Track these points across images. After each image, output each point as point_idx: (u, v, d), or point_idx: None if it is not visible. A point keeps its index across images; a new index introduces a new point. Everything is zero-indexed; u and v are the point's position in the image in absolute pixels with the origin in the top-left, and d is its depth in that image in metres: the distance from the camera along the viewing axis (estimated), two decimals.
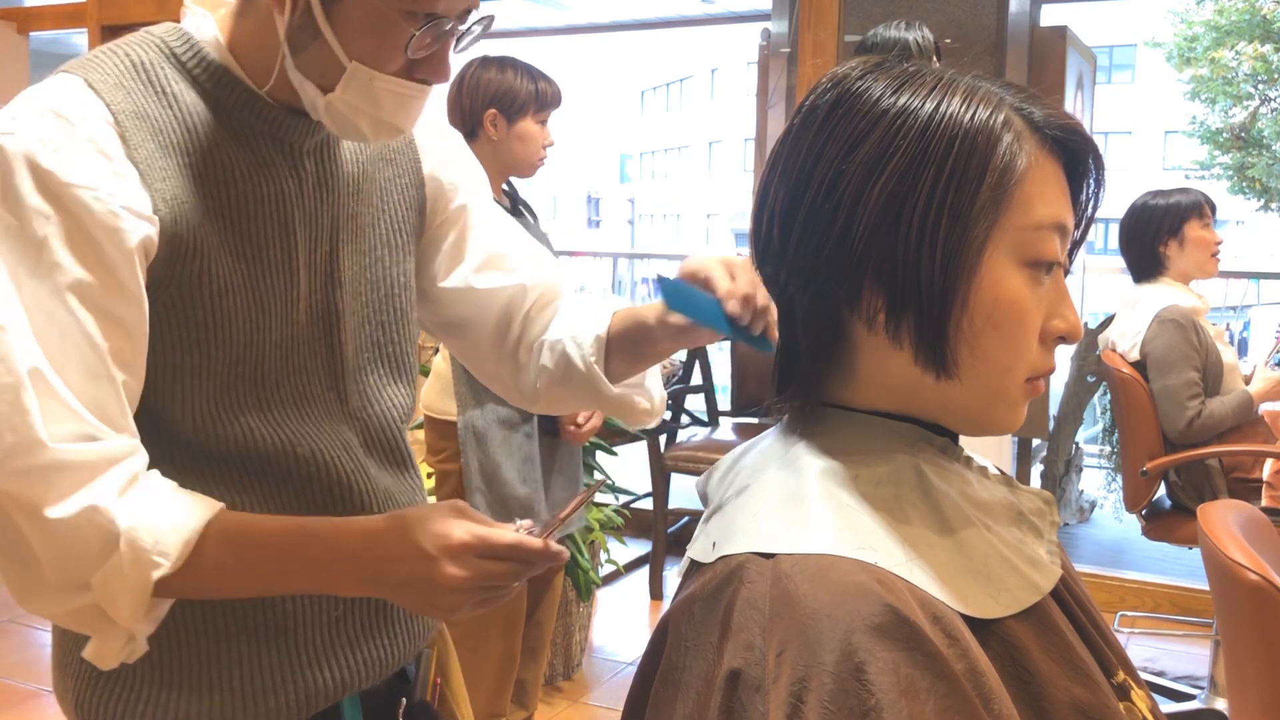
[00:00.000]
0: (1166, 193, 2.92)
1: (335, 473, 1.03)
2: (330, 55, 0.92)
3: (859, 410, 0.77)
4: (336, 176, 1.03)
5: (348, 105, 0.94)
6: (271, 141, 0.98)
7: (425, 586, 0.90)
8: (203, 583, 0.91)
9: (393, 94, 0.94)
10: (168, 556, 0.86)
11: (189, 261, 0.92)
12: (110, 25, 5.14)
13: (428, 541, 0.89)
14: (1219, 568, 1.42)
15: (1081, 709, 0.71)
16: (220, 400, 0.97)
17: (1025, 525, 0.78)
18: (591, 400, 1.19)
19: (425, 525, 0.91)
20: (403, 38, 0.91)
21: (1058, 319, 0.74)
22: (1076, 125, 0.75)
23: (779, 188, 0.75)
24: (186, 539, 0.88)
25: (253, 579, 0.93)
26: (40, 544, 0.85)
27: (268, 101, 0.97)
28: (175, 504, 0.90)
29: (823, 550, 0.68)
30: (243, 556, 0.91)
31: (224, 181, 0.95)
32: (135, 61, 0.94)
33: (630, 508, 3.79)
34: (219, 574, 0.91)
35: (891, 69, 0.74)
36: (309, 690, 1.02)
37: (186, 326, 0.94)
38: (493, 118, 2.25)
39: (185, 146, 0.93)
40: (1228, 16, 19.08)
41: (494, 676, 2.31)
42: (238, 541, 0.91)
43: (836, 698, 0.62)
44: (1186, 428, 2.75)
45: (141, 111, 0.91)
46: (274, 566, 0.92)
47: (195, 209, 0.93)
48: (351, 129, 0.97)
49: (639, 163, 42.14)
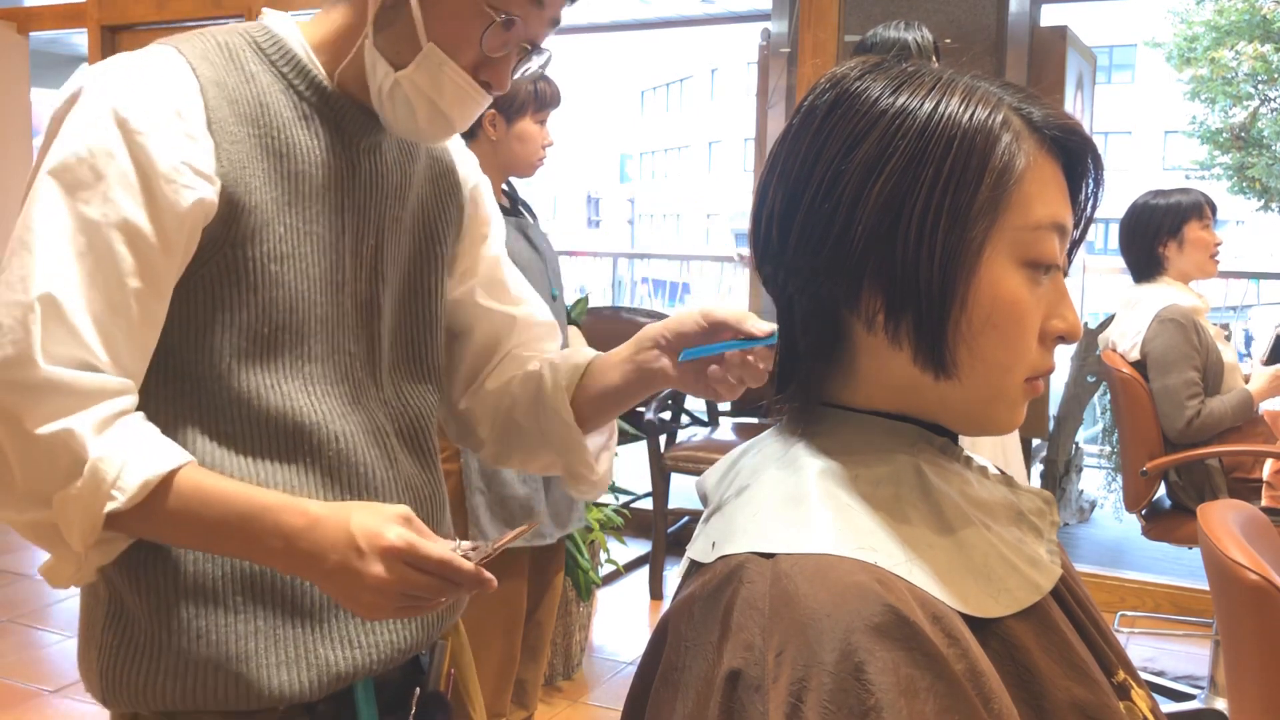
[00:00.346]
0: (1167, 193, 2.91)
1: (364, 454, 1.06)
2: (411, 34, 1.00)
3: (858, 410, 0.77)
4: (385, 178, 1.10)
5: (413, 86, 1.01)
6: (334, 130, 1.05)
7: (349, 579, 0.91)
8: (151, 527, 0.94)
9: (456, 86, 1.02)
10: (124, 493, 0.89)
11: (244, 221, 0.98)
12: (110, 25, 5.14)
13: (360, 536, 0.91)
14: (1219, 568, 1.42)
15: (1082, 708, 0.71)
16: (265, 365, 1.01)
17: (1025, 525, 0.78)
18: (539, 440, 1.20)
19: (363, 520, 0.92)
20: (480, 28, 0.99)
21: (1057, 319, 0.74)
22: (1075, 125, 0.75)
23: (778, 188, 0.75)
24: (145, 480, 0.90)
25: (194, 535, 0.95)
26: (15, 454, 0.90)
27: (335, 93, 1.05)
28: (147, 447, 0.92)
29: (822, 550, 0.68)
30: (191, 511, 0.93)
31: (287, 157, 1.01)
32: (221, 43, 1.02)
33: (630, 508, 3.79)
34: (167, 523, 0.93)
35: (890, 69, 0.74)
36: (324, 668, 1.03)
37: (239, 287, 0.99)
38: (491, 118, 2.24)
39: (257, 119, 1.00)
40: (1228, 16, 19.07)
41: (494, 676, 2.31)
42: (190, 497, 0.92)
43: (836, 697, 0.62)
44: (1186, 427, 2.75)
45: (222, 82, 0.99)
46: (215, 529, 0.94)
47: (258, 176, 0.99)
48: (407, 114, 1.03)
49: (639, 163, 42.14)
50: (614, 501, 3.46)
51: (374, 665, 1.06)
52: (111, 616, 1.02)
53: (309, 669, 1.02)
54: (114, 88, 0.94)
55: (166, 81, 0.96)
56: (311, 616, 1.03)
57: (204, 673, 0.99)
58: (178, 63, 0.97)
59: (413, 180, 1.14)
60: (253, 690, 1.00)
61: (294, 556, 0.93)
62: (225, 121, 0.97)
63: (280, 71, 1.03)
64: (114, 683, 1.01)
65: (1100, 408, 4.58)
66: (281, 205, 1.00)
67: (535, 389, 1.18)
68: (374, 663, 1.06)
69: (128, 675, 1.00)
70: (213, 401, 1.00)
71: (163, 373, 0.99)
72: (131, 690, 1.00)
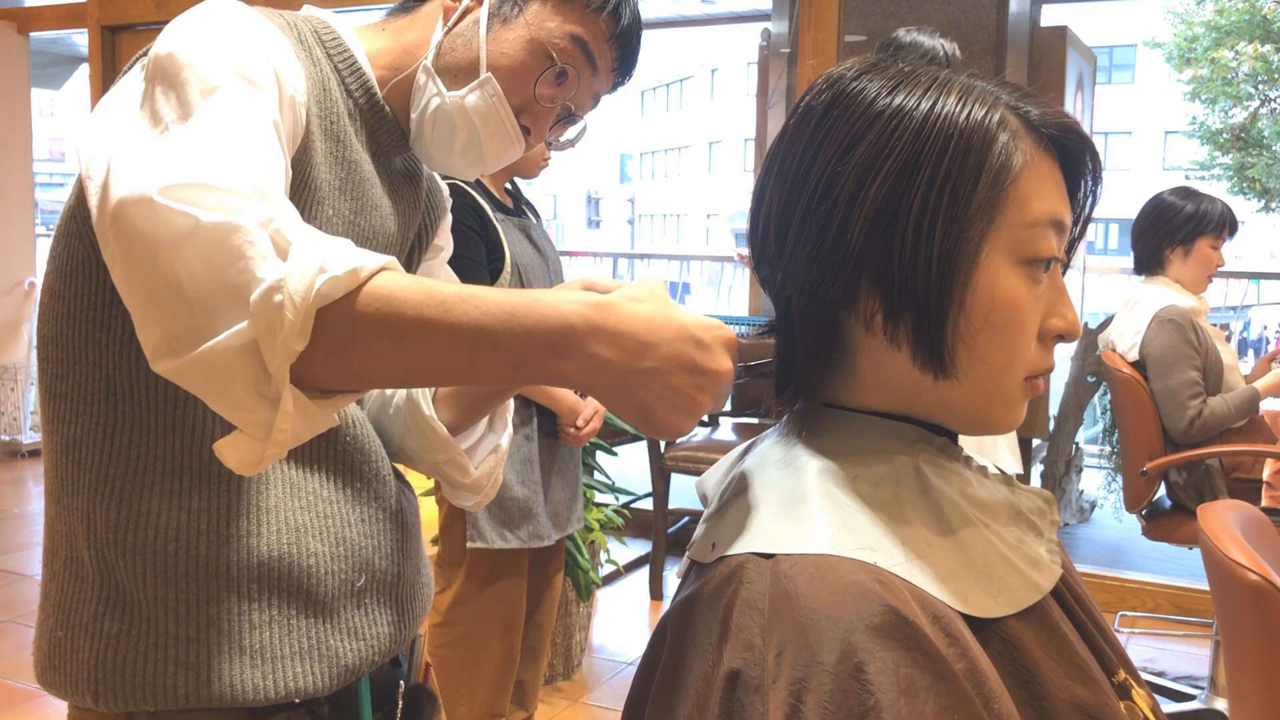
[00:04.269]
0: (1196, 197, 2.86)
1: (374, 447, 1.07)
2: (471, 63, 1.03)
3: (858, 411, 0.77)
4: (398, 199, 1.11)
5: (461, 111, 1.03)
6: (373, 143, 1.07)
7: (690, 379, 0.74)
8: (390, 339, 0.76)
9: (500, 120, 1.04)
10: (331, 273, 0.74)
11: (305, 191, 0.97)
12: (110, 25, 5.14)
13: (695, 326, 0.75)
14: (1219, 568, 1.42)
15: (1082, 708, 0.70)
16: None
17: (1025, 525, 0.78)
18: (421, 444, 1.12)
19: (688, 311, 0.76)
20: (538, 70, 1.03)
21: (1056, 318, 0.74)
22: (1072, 123, 0.75)
23: (775, 189, 0.75)
24: (358, 267, 0.75)
25: (454, 343, 0.76)
26: (195, 253, 0.74)
27: (381, 103, 1.06)
28: (347, 245, 0.78)
29: (822, 550, 0.68)
30: (446, 303, 0.75)
31: (343, 143, 1.02)
32: (290, 22, 1.02)
33: (630, 508, 3.79)
34: (414, 329, 0.75)
35: (887, 69, 0.74)
36: (334, 660, 0.99)
37: None
38: None
39: (322, 101, 1.00)
40: (1228, 17, 19.07)
41: (494, 676, 2.31)
42: (436, 289, 0.76)
43: (836, 698, 0.62)
44: (1188, 427, 2.75)
45: (295, 53, 0.97)
46: (479, 326, 0.75)
47: (319, 152, 0.99)
48: (446, 138, 1.05)
49: (639, 163, 42.14)
50: (614, 501, 3.46)
51: (376, 657, 1.05)
52: (105, 603, 0.93)
53: (321, 660, 0.98)
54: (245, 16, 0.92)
55: (270, 26, 0.95)
56: (323, 606, 0.99)
57: (218, 664, 0.92)
58: (268, 22, 0.96)
59: (410, 200, 1.15)
60: (268, 683, 0.94)
61: (593, 358, 0.74)
62: (299, 84, 0.96)
63: (337, 66, 1.04)
64: (113, 676, 0.92)
65: (1100, 408, 4.58)
66: (334, 188, 1.01)
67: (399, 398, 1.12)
68: (376, 654, 1.05)
69: (133, 668, 0.92)
70: None
71: None
72: (134, 685, 0.92)
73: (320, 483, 1.00)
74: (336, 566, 1.01)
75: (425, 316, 0.75)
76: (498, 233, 2.23)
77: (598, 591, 3.23)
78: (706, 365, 0.74)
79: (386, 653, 1.07)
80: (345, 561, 1.01)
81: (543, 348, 0.75)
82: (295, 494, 0.98)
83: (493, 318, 0.75)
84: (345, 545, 1.01)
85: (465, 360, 0.77)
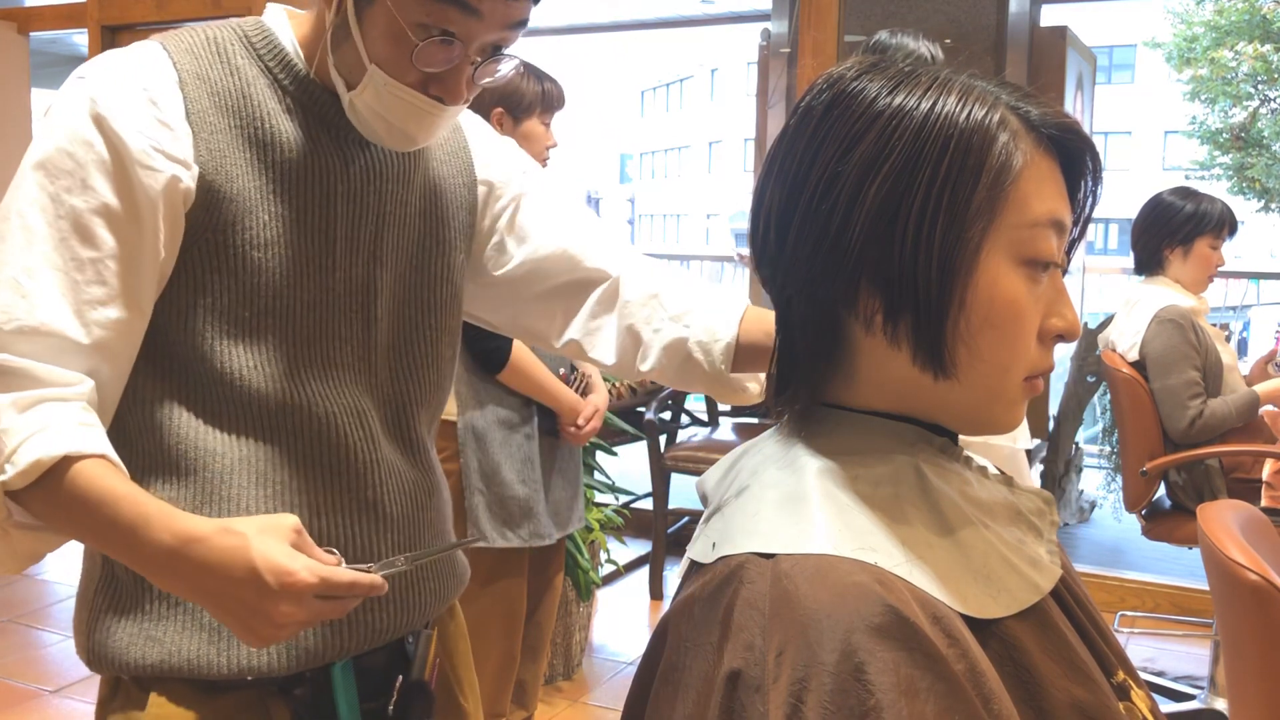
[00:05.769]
0: (1196, 197, 2.86)
1: (347, 437, 1.07)
2: (357, 55, 1.00)
3: (858, 411, 0.77)
4: (386, 165, 1.10)
5: (365, 106, 1.02)
6: (320, 124, 1.05)
7: (249, 615, 0.88)
8: (51, 513, 0.92)
9: (404, 103, 1.01)
10: (15, 467, 0.89)
11: (225, 209, 1.00)
12: (110, 25, 5.14)
13: (270, 574, 0.87)
14: (1219, 568, 1.42)
15: (1082, 709, 0.71)
16: (249, 347, 1.02)
17: (1025, 525, 0.78)
18: (703, 386, 1.22)
19: (266, 554, 0.88)
20: (410, 45, 0.98)
21: (1055, 318, 0.74)
22: (1073, 123, 0.75)
23: (775, 189, 0.75)
24: (38, 459, 0.89)
25: (88, 532, 0.93)
26: None
27: (322, 89, 1.05)
28: (57, 430, 0.90)
29: (822, 550, 0.68)
30: (80, 505, 0.91)
31: (272, 146, 1.02)
32: (210, 37, 1.04)
33: (630, 508, 3.79)
34: (62, 513, 0.92)
35: (887, 69, 0.74)
36: (292, 643, 1.03)
37: (220, 272, 1.00)
38: (499, 116, 2.26)
39: (239, 110, 1.02)
40: (1228, 17, 19.07)
41: (494, 676, 2.31)
42: (83, 490, 0.90)
43: (836, 698, 0.62)
44: (1188, 427, 2.75)
45: (204, 75, 1.01)
46: (103, 530, 0.91)
47: (239, 164, 1.01)
48: (370, 129, 1.04)
49: (639, 163, 42.14)
50: (614, 501, 3.46)
51: (347, 646, 1.07)
52: (104, 580, 1.04)
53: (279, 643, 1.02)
54: (93, 81, 0.97)
55: (143, 73, 0.98)
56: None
57: (177, 639, 1.01)
58: (158, 56, 1.00)
59: (418, 159, 1.14)
60: (219, 660, 1.01)
61: (176, 577, 0.90)
62: (205, 112, 0.99)
63: (266, 66, 1.04)
64: (99, 645, 1.03)
65: (1100, 408, 4.58)
66: (265, 193, 1.02)
67: (683, 363, 1.18)
68: (347, 642, 1.06)
69: (112, 639, 1.03)
70: (197, 380, 1.02)
71: (150, 350, 1.01)
72: (112, 654, 1.02)
73: (290, 473, 1.04)
74: None
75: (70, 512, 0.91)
76: None
77: (598, 591, 3.23)
78: (260, 605, 0.88)
79: (364, 641, 1.08)
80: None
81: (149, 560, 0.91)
82: (261, 484, 1.04)
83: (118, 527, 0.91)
84: (313, 535, 0.99)
85: (102, 547, 0.97)
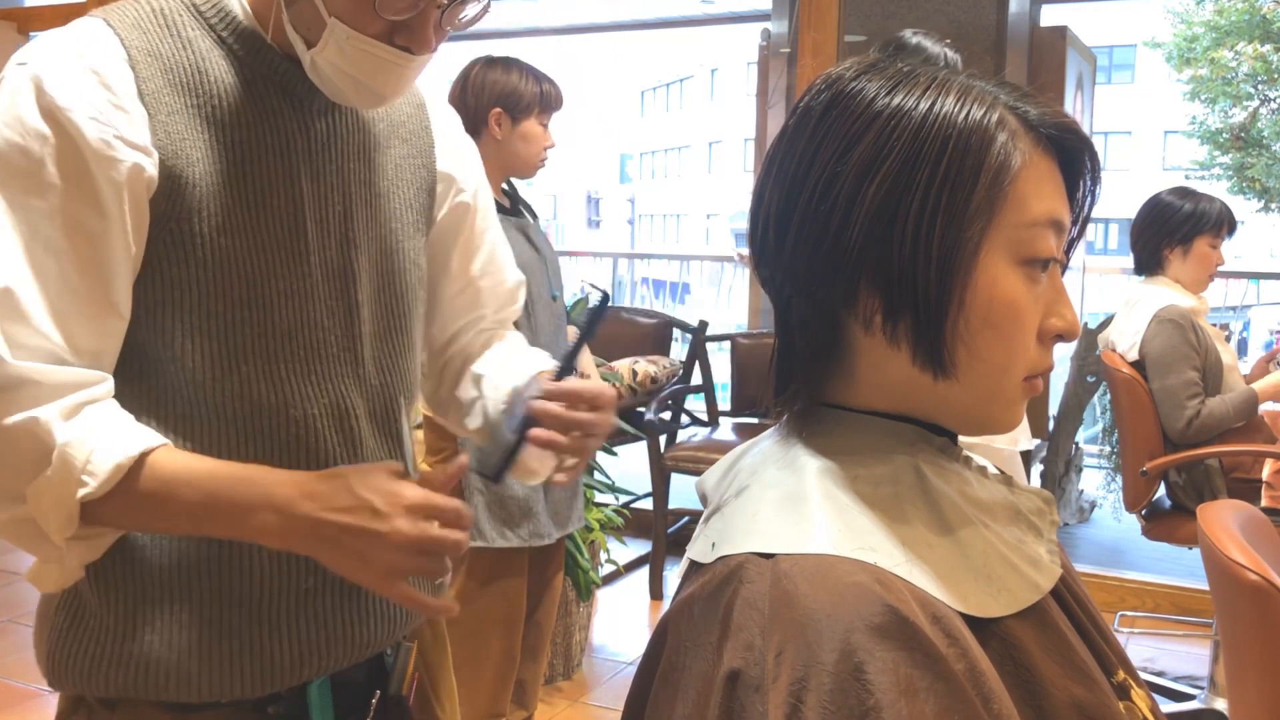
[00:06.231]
0: (1194, 196, 2.86)
1: (325, 440, 1.03)
2: (314, 10, 0.95)
3: (858, 410, 0.77)
4: (348, 140, 1.05)
5: (329, 63, 0.96)
6: (280, 94, 1.00)
7: (367, 543, 0.88)
8: (131, 514, 0.91)
9: (370, 56, 0.95)
10: (95, 477, 0.87)
11: (188, 195, 0.94)
12: None
13: (378, 497, 0.88)
14: (1219, 568, 1.42)
15: (1082, 708, 0.71)
16: (222, 344, 0.97)
17: (1025, 525, 0.78)
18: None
19: (370, 481, 0.89)
20: None
21: (1055, 317, 0.74)
22: (1071, 123, 0.75)
23: (774, 190, 0.75)
24: (119, 463, 0.88)
25: (178, 519, 0.92)
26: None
27: (280, 55, 0.99)
28: (118, 431, 0.90)
29: (822, 550, 0.68)
30: (170, 493, 0.90)
31: (230, 125, 0.97)
32: (155, 8, 0.98)
33: (630, 508, 3.79)
34: (146, 508, 0.90)
35: (886, 69, 0.74)
36: (267, 662, 1.00)
37: (187, 263, 0.95)
38: (498, 117, 2.27)
39: (195, 87, 0.95)
40: (1228, 17, 19.07)
41: (494, 676, 2.31)
42: (168, 479, 0.90)
43: (836, 698, 0.62)
44: (1186, 427, 2.75)
45: (155, 50, 0.94)
46: (200, 510, 0.91)
47: (199, 146, 0.95)
48: (335, 89, 0.99)
49: (639, 163, 42.13)
50: (614, 501, 3.46)
51: (325, 664, 1.03)
52: (66, 597, 1.00)
53: (253, 662, 0.99)
54: (37, 67, 0.90)
55: (90, 53, 0.91)
56: (259, 608, 1.00)
57: (147, 662, 0.97)
58: (103, 33, 0.93)
59: (380, 139, 1.09)
60: (194, 683, 0.98)
61: (292, 530, 0.90)
62: (159, 92, 0.93)
63: (220, 36, 0.98)
64: (61, 664, 1.00)
65: (1100, 408, 4.58)
66: (228, 176, 0.96)
67: (478, 410, 1.19)
68: (322, 660, 1.03)
69: (75, 658, 0.99)
70: (168, 384, 0.97)
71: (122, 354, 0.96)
72: (77, 674, 0.99)
73: None
74: (276, 568, 1.00)
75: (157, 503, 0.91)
76: None
77: (598, 591, 3.23)
78: (377, 529, 0.87)
79: (341, 658, 1.05)
80: (288, 562, 1.01)
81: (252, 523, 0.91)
82: None
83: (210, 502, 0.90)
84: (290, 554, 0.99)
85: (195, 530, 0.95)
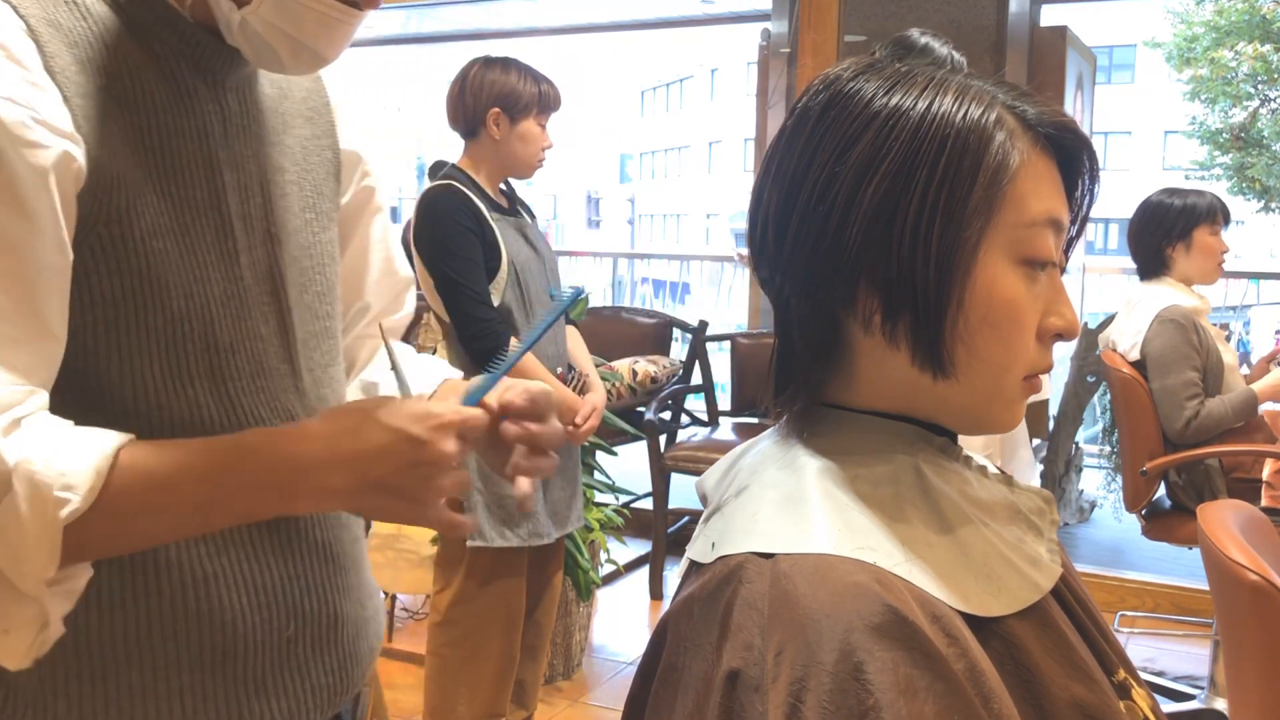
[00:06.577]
0: (1182, 193, 2.89)
1: None
2: None
3: (857, 410, 0.77)
4: (261, 121, 0.93)
5: (264, 23, 0.84)
6: (193, 69, 0.87)
7: (416, 473, 0.80)
8: (125, 525, 0.76)
9: (314, 13, 0.84)
10: (75, 490, 0.72)
11: (114, 193, 0.80)
12: None
13: (412, 424, 0.80)
14: (1219, 568, 1.42)
15: (1082, 708, 0.70)
16: (166, 364, 0.84)
17: (1025, 524, 0.78)
18: None
19: (398, 411, 0.80)
20: None
21: (1054, 316, 0.74)
22: (1070, 122, 0.75)
23: (773, 190, 0.75)
24: (97, 467, 0.73)
25: (183, 514, 0.78)
26: None
27: (190, 22, 0.87)
28: (76, 434, 0.75)
29: (822, 550, 0.68)
30: (169, 485, 0.76)
31: (144, 109, 0.83)
32: None
33: (630, 508, 3.79)
34: (143, 511, 0.76)
35: (884, 69, 0.74)
36: None
37: (120, 273, 0.81)
38: (496, 117, 2.27)
39: (102, 65, 0.81)
40: (1228, 17, 19.07)
41: (494, 676, 2.31)
42: (157, 471, 0.76)
43: (835, 697, 0.62)
44: (1184, 428, 2.75)
45: (54, 21, 0.79)
46: (207, 493, 0.78)
47: (115, 134, 0.81)
48: (267, 53, 0.87)
49: (639, 163, 42.15)
50: (614, 501, 3.46)
51: (310, 716, 0.94)
52: None
53: None
54: None
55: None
56: (244, 665, 0.89)
57: None
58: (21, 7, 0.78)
59: (289, 121, 0.98)
60: None
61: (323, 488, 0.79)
62: (68, 69, 0.78)
63: (119, 3, 0.84)
64: None
65: (1100, 408, 4.58)
66: (150, 169, 0.83)
67: None
68: (309, 711, 0.94)
69: None
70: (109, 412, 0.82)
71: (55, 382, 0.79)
72: None
73: None
74: (257, 617, 0.89)
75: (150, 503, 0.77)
76: (494, 232, 2.23)
77: (598, 591, 3.23)
78: (424, 458, 0.80)
79: (324, 707, 0.95)
80: (268, 610, 0.90)
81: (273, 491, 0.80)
82: (200, 538, 0.86)
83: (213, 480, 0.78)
84: (265, 592, 0.90)
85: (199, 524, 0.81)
